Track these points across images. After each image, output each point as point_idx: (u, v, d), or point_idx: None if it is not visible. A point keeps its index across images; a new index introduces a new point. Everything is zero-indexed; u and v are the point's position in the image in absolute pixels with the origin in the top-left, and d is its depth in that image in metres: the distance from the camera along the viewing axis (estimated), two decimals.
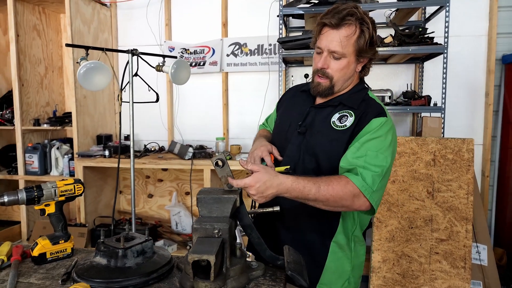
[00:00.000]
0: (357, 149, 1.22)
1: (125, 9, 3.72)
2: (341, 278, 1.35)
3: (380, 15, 3.15)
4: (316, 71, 1.34)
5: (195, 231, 1.00)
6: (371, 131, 1.24)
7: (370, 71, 1.41)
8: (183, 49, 3.61)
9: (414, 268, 2.54)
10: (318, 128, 1.34)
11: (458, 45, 3.12)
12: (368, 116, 1.27)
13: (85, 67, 2.05)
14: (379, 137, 1.23)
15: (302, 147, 1.34)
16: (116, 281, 1.01)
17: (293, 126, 1.41)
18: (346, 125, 1.29)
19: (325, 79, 1.32)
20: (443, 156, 2.56)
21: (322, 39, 1.30)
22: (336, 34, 1.26)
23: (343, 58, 1.28)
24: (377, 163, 1.20)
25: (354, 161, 1.21)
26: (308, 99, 1.45)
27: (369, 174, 1.18)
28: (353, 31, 1.25)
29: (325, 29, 1.29)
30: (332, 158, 1.28)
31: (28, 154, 3.38)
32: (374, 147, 1.22)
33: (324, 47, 1.29)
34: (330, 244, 1.33)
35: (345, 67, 1.30)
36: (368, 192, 1.17)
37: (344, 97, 1.36)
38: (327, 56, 1.29)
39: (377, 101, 1.36)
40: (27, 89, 3.41)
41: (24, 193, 1.15)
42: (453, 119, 3.15)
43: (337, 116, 1.32)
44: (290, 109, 1.50)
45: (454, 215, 2.51)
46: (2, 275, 1.10)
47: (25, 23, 3.36)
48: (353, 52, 1.28)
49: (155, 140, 3.65)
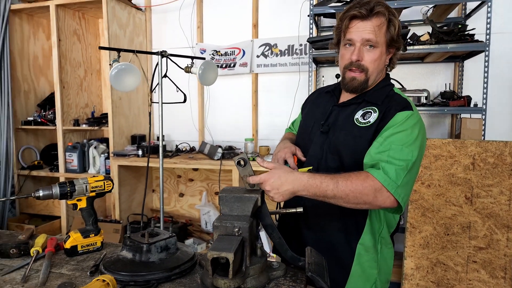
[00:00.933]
0: (380, 143, 1.18)
1: (159, 13, 3.82)
2: (368, 282, 1.31)
3: (417, 12, 3.04)
4: (348, 65, 1.29)
5: (215, 229, 1.00)
6: (395, 125, 1.19)
7: (395, 65, 1.38)
8: (214, 51, 3.66)
9: (449, 277, 2.43)
10: (342, 126, 1.31)
11: (501, 43, 2.96)
12: (392, 110, 1.23)
13: (116, 68, 2.13)
14: (404, 131, 1.18)
15: (325, 146, 1.32)
16: (140, 274, 1.04)
17: (316, 125, 1.39)
18: (369, 121, 1.26)
19: (360, 73, 1.28)
20: (483, 159, 2.43)
21: (352, 31, 1.26)
22: (368, 23, 1.24)
23: (376, 48, 1.26)
24: (401, 157, 1.14)
25: (377, 156, 1.16)
26: (331, 99, 1.43)
27: (392, 168, 1.13)
28: (383, 20, 1.24)
29: (354, 21, 1.26)
30: (356, 156, 1.24)
31: (68, 152, 3.54)
32: (398, 141, 1.16)
33: (356, 38, 1.25)
34: (356, 247, 1.29)
35: (378, 57, 1.27)
36: (391, 186, 1.11)
37: (368, 94, 1.33)
38: (360, 47, 1.26)
39: (403, 96, 1.31)
40: (68, 91, 3.58)
41: (58, 188, 1.21)
42: (495, 121, 2.98)
43: (360, 113, 1.29)
44: (314, 109, 1.49)
45: (494, 222, 2.37)
46: (37, 265, 1.16)
47: (66, 28, 3.54)
48: (385, 42, 1.26)
49: (186, 141, 3.72)
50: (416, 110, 1.26)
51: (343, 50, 1.33)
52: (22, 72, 3.70)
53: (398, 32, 1.28)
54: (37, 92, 3.87)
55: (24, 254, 1.23)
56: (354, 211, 1.21)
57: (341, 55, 1.34)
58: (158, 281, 1.04)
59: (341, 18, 1.31)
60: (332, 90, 1.45)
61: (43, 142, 3.95)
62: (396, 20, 1.26)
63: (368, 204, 1.14)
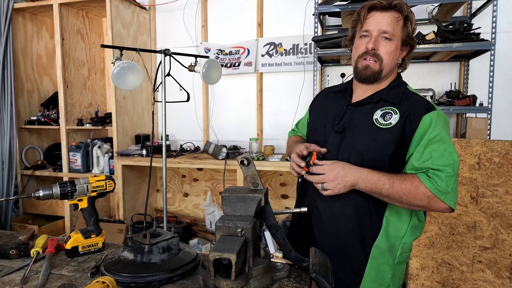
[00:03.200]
0: (421, 153, 1.19)
1: (163, 12, 3.82)
2: (381, 286, 1.29)
3: (422, 11, 3.01)
4: (363, 54, 1.29)
5: (218, 229, 0.99)
6: (428, 131, 1.20)
7: (408, 66, 1.38)
8: (219, 50, 3.65)
9: (455, 277, 2.40)
10: (360, 126, 1.28)
11: (507, 42, 2.93)
12: (417, 113, 1.22)
13: (119, 66, 2.12)
14: (437, 135, 1.20)
15: (342, 147, 1.29)
16: (141, 276, 1.02)
17: (329, 125, 1.35)
18: (391, 122, 1.24)
19: (375, 62, 1.27)
20: (489, 159, 2.40)
21: (370, 22, 1.27)
22: (387, 15, 1.25)
23: (392, 41, 1.26)
24: (446, 163, 1.17)
25: (421, 166, 1.19)
26: (343, 98, 1.40)
27: (442, 176, 1.16)
28: (401, 15, 1.25)
29: (373, 12, 1.27)
30: (376, 157, 1.23)
31: (71, 152, 3.54)
32: (437, 147, 1.19)
33: (374, 28, 1.26)
34: (371, 250, 1.26)
35: (394, 50, 1.27)
36: (443, 196, 1.15)
37: (384, 92, 1.31)
38: (377, 37, 1.26)
39: (419, 95, 1.31)
40: (71, 91, 3.58)
41: (58, 188, 1.20)
42: (501, 121, 2.94)
43: (379, 113, 1.27)
44: (325, 109, 1.45)
45: (500, 222, 2.35)
46: (37, 266, 1.15)
47: (69, 27, 3.54)
48: (400, 37, 1.27)
49: (191, 140, 3.71)
50: (437, 107, 1.26)
51: (358, 41, 1.32)
52: (26, 72, 3.70)
53: (413, 30, 1.28)
54: (41, 91, 3.87)
55: (24, 255, 1.22)
56: (368, 215, 1.21)
57: (355, 46, 1.34)
58: (159, 282, 1.02)
59: (358, 11, 1.31)
60: (344, 90, 1.42)
61: (46, 142, 3.95)
62: (413, 18, 1.27)
63: (422, 207, 1.19)
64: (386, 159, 1.23)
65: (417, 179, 1.16)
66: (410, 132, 1.21)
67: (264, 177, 3.54)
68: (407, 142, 1.22)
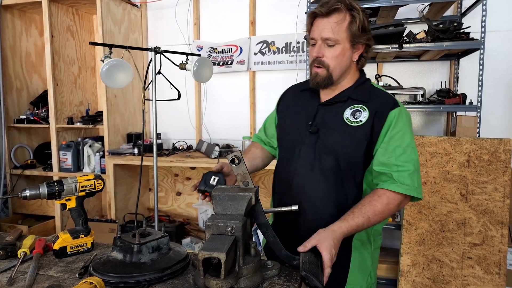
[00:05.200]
0: (385, 149, 1.25)
1: (155, 9, 3.79)
2: (365, 274, 1.35)
3: (413, 10, 3.03)
4: (312, 62, 1.33)
5: (207, 228, 0.98)
6: (391, 126, 1.26)
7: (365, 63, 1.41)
8: (211, 48, 3.63)
9: (445, 273, 2.42)
10: (332, 126, 1.32)
11: (496, 41, 2.95)
12: (384, 110, 1.28)
13: (108, 64, 2.09)
14: (400, 131, 1.26)
15: (317, 147, 1.32)
16: (130, 276, 1.02)
17: (302, 126, 1.38)
18: (361, 120, 1.28)
19: (322, 68, 1.31)
20: (478, 157, 2.43)
21: (314, 29, 1.31)
22: (327, 22, 1.27)
23: (337, 45, 1.28)
24: (408, 159, 1.23)
25: (386, 161, 1.24)
26: (313, 97, 1.42)
27: (405, 175, 1.22)
28: (343, 17, 1.26)
29: (316, 20, 1.30)
30: (350, 155, 1.28)
31: (62, 151, 3.50)
32: (400, 143, 1.25)
33: (317, 36, 1.29)
34: (352, 242, 1.31)
35: (340, 54, 1.29)
36: (412, 192, 1.22)
37: (350, 90, 1.35)
38: (321, 44, 1.30)
39: (384, 90, 1.37)
40: (61, 89, 3.54)
41: (46, 187, 1.18)
42: (490, 119, 2.97)
43: (349, 111, 1.31)
44: (295, 109, 1.46)
45: (488, 219, 2.37)
46: (24, 267, 1.13)
47: (59, 24, 3.49)
48: (346, 38, 1.28)
49: (183, 139, 3.70)
50: (401, 103, 1.32)
51: (310, 49, 1.36)
52: (14, 69, 3.65)
53: (362, 27, 1.28)
54: (30, 89, 3.82)
55: (11, 255, 1.20)
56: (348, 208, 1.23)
57: (309, 53, 1.38)
58: (149, 282, 1.02)
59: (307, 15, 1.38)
60: (313, 89, 1.43)
61: (36, 141, 3.90)
62: (358, 16, 1.27)
63: (395, 211, 1.28)
64: (360, 155, 1.28)
65: (383, 194, 1.22)
66: (378, 128, 1.26)
67: (257, 175, 3.54)
68: (375, 138, 1.27)
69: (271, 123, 1.61)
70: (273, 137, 1.57)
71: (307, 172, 1.32)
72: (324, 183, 1.29)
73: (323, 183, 1.29)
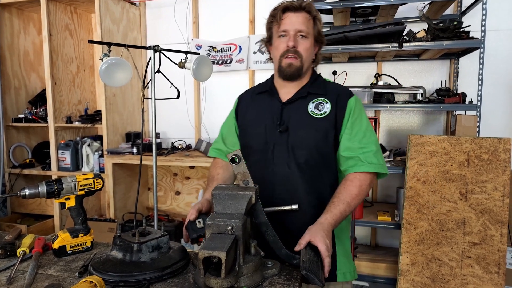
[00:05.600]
0: (349, 135, 1.35)
1: (154, 8, 3.78)
2: (348, 257, 1.42)
3: (413, 9, 3.03)
4: (285, 53, 1.36)
5: (208, 227, 0.98)
6: (351, 113, 1.36)
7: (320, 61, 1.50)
8: (210, 47, 3.63)
9: (444, 272, 2.42)
10: (299, 121, 1.37)
11: (496, 40, 2.95)
12: (343, 100, 1.38)
13: (107, 63, 2.08)
14: (358, 117, 1.37)
15: (289, 144, 1.35)
16: (130, 275, 1.01)
17: (270, 127, 1.39)
18: (325, 111, 1.36)
19: (296, 59, 1.35)
20: (478, 156, 2.43)
21: (286, 22, 1.35)
22: (300, 15, 1.35)
23: (307, 38, 1.36)
24: (370, 141, 1.34)
25: (351, 145, 1.33)
26: (272, 98, 1.45)
27: (370, 155, 1.31)
28: (310, 16, 1.36)
29: (287, 13, 1.36)
30: (321, 146, 1.35)
31: (60, 150, 3.49)
32: (360, 127, 1.35)
33: (290, 28, 1.35)
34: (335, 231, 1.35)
35: (310, 47, 1.37)
36: (380, 169, 1.32)
37: (308, 86, 1.41)
38: (295, 36, 1.34)
39: (335, 83, 1.49)
40: (60, 88, 3.52)
41: (45, 186, 1.18)
42: (490, 118, 2.98)
43: (313, 105, 1.37)
44: (258, 112, 1.46)
45: (488, 218, 2.37)
46: (23, 266, 1.12)
47: (57, 23, 3.48)
48: (313, 34, 1.38)
49: (182, 138, 3.69)
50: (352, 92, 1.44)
51: (277, 42, 1.40)
52: (12, 68, 3.63)
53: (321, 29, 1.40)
54: (28, 88, 3.80)
55: (11, 255, 1.20)
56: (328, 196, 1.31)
57: (275, 46, 1.41)
58: (149, 281, 1.01)
59: (271, 13, 1.41)
60: (270, 90, 1.47)
61: (34, 140, 3.88)
62: (320, 18, 1.40)
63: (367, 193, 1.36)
64: (330, 144, 1.35)
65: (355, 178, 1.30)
66: (341, 117, 1.36)
67: None
68: (339, 126, 1.36)
69: (230, 132, 1.58)
70: (235, 145, 1.54)
71: (284, 170, 1.35)
72: (302, 177, 1.34)
73: (301, 177, 1.34)
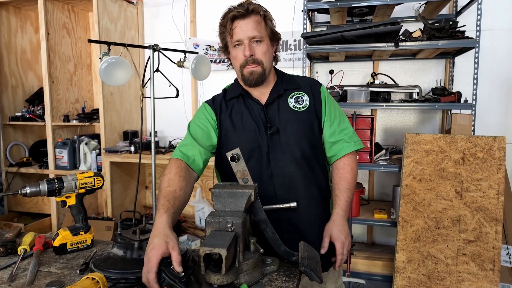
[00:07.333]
0: (329, 121, 1.42)
1: (151, 7, 3.78)
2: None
3: (409, 9, 3.05)
4: (244, 63, 1.34)
5: (208, 225, 0.99)
6: (326, 101, 1.43)
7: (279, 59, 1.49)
8: (208, 46, 3.63)
9: (440, 269, 2.45)
10: (285, 119, 1.38)
11: (491, 40, 2.98)
12: (316, 89, 1.44)
13: (106, 62, 2.09)
14: (331, 103, 1.45)
15: (282, 143, 1.36)
16: (131, 272, 1.02)
17: (258, 131, 1.37)
18: (306, 104, 1.40)
19: (256, 65, 1.34)
20: (473, 154, 2.45)
21: (237, 32, 1.33)
22: (249, 21, 1.33)
23: (262, 42, 1.34)
24: (346, 123, 1.46)
25: (334, 130, 1.42)
26: (250, 102, 1.41)
27: (351, 134, 1.44)
28: (260, 18, 1.35)
29: (236, 22, 1.33)
30: (310, 137, 1.39)
31: (58, 149, 3.49)
32: (334, 112, 1.44)
33: (243, 36, 1.33)
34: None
35: (267, 50, 1.36)
36: (361, 144, 1.45)
37: (280, 84, 1.43)
38: (249, 43, 1.33)
39: (300, 75, 1.55)
40: (57, 86, 3.52)
41: (46, 185, 1.19)
42: (485, 117, 3.01)
43: (292, 100, 1.41)
44: (241, 117, 1.40)
45: (483, 216, 2.40)
46: (24, 264, 1.14)
47: (55, 22, 3.47)
48: (267, 35, 1.36)
49: (180, 137, 3.69)
50: None
51: (234, 52, 1.37)
52: (10, 67, 3.62)
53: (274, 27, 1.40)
54: (25, 87, 3.80)
55: (11, 252, 1.21)
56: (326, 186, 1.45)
57: (234, 56, 1.38)
58: None
59: (221, 23, 1.39)
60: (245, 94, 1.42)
61: (32, 139, 3.88)
62: (271, 16, 1.40)
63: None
64: (317, 134, 1.41)
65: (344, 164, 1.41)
66: (319, 106, 1.41)
67: None
68: (320, 114, 1.42)
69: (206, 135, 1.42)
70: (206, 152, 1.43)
71: (282, 170, 1.35)
72: (300, 173, 1.36)
73: (299, 173, 1.36)
